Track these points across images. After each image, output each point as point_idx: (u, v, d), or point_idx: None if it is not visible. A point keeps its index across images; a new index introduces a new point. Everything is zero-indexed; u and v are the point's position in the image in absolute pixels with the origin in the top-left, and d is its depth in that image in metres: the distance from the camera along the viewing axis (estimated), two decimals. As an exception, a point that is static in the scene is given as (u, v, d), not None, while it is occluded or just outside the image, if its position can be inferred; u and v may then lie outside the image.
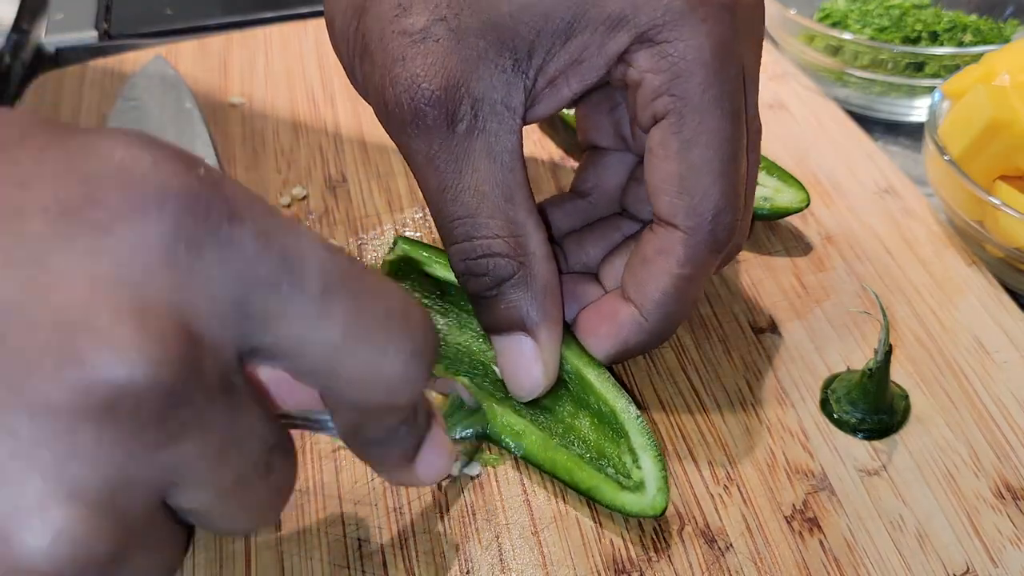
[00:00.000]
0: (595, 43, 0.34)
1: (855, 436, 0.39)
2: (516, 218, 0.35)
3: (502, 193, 0.35)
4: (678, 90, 0.34)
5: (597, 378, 0.37)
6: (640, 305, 0.36)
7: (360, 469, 0.38)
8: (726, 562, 0.35)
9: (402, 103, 0.34)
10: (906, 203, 0.51)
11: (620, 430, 0.36)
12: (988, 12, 0.64)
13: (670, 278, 0.36)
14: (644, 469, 0.35)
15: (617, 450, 0.36)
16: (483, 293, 0.36)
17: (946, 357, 0.42)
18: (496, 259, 0.35)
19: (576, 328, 0.39)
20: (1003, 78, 0.47)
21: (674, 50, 0.33)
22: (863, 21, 0.62)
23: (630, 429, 0.36)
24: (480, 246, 0.35)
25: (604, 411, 0.37)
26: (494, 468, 0.38)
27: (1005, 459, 0.38)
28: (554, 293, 0.36)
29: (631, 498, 0.35)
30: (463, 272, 0.36)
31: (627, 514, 0.35)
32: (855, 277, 0.46)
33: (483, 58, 0.34)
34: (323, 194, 0.52)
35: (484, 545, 0.36)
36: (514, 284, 0.35)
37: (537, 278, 0.35)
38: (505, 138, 0.35)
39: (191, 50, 0.63)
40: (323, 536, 0.36)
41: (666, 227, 0.35)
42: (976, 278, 0.46)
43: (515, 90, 0.34)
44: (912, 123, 0.61)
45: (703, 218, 0.34)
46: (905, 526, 0.36)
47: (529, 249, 0.35)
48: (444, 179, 0.34)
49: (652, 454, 0.35)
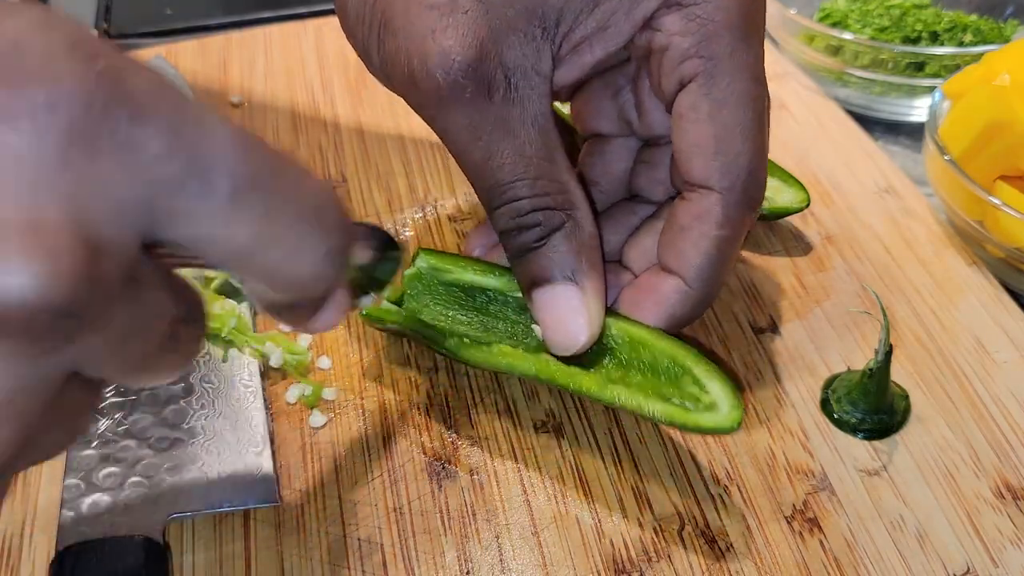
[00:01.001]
0: (623, 8, 0.35)
1: (855, 436, 0.39)
2: (559, 176, 0.36)
3: (545, 155, 0.35)
4: (707, 51, 0.34)
5: (647, 332, 0.37)
6: (683, 274, 0.36)
7: (360, 469, 0.38)
8: (726, 562, 0.35)
9: (436, 78, 0.34)
10: (906, 203, 0.51)
11: (681, 370, 0.36)
12: (988, 12, 0.64)
13: (711, 241, 0.36)
14: (713, 391, 0.35)
15: (679, 388, 0.36)
16: (530, 245, 0.36)
17: (946, 357, 0.42)
18: (545, 212, 0.35)
19: (619, 309, 0.38)
20: (1003, 78, 0.47)
21: (703, 11, 0.34)
22: (863, 21, 0.62)
23: (691, 363, 0.36)
24: (530, 203, 0.35)
25: (659, 359, 0.37)
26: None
27: (1005, 459, 0.38)
28: (597, 246, 0.37)
29: (705, 416, 0.34)
30: (511, 229, 0.36)
31: (704, 431, 0.34)
32: (855, 277, 0.46)
33: (512, 27, 0.34)
34: (323, 194, 0.52)
35: (484, 545, 0.36)
36: (563, 235, 0.36)
37: (583, 229, 0.36)
38: (539, 103, 0.35)
39: (191, 50, 0.63)
40: (323, 536, 0.36)
41: (700, 191, 0.36)
42: (976, 278, 0.46)
43: (544, 56, 0.35)
44: (912, 123, 0.61)
45: (738, 177, 0.35)
46: (905, 526, 0.36)
47: (574, 203, 0.36)
48: (488, 148, 0.35)
49: (718, 378, 0.35)
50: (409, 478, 0.38)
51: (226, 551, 0.35)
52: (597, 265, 0.37)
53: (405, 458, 0.38)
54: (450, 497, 0.37)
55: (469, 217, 0.50)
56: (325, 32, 0.64)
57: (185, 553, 0.35)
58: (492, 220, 0.37)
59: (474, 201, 0.51)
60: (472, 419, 0.40)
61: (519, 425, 0.40)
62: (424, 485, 0.37)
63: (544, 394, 0.41)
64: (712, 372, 0.35)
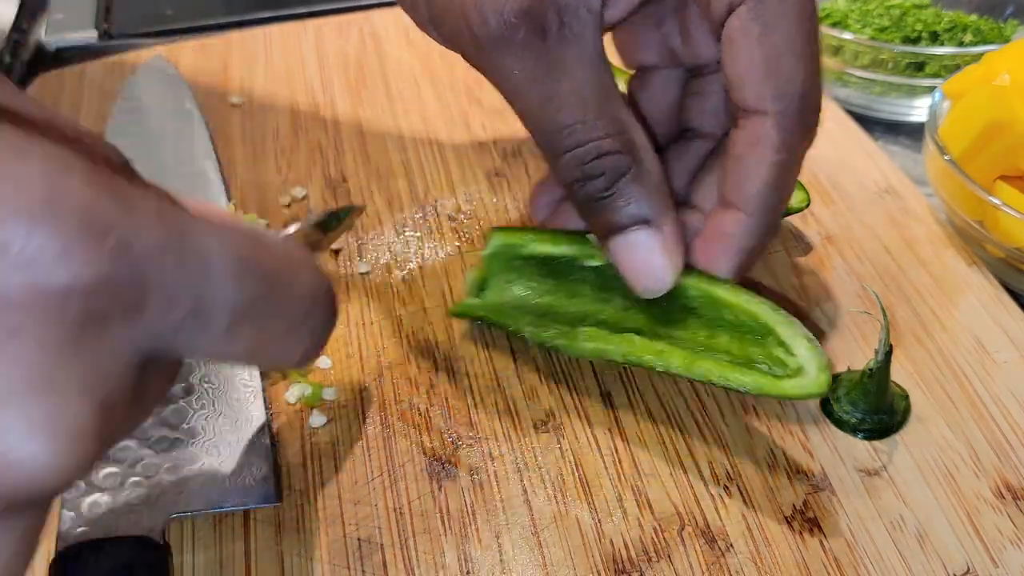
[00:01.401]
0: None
1: (855, 436, 0.39)
2: (619, 116, 0.35)
3: (602, 94, 0.35)
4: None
5: (728, 291, 0.37)
6: (743, 206, 0.36)
7: (360, 469, 0.38)
8: (726, 562, 0.35)
9: (489, 23, 0.34)
10: (906, 203, 0.51)
11: (764, 330, 0.36)
12: (988, 12, 0.64)
13: (768, 167, 0.35)
14: (800, 355, 0.35)
15: (766, 349, 0.36)
16: (599, 195, 0.36)
17: (946, 357, 0.42)
18: (610, 157, 0.35)
19: (693, 261, 0.38)
20: (1003, 78, 0.47)
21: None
22: (863, 21, 0.62)
23: (776, 324, 0.36)
24: (593, 148, 0.35)
25: (743, 320, 0.37)
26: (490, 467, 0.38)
27: (1005, 459, 0.38)
28: (664, 185, 0.37)
29: (793, 383, 0.35)
30: (577, 179, 0.36)
31: (793, 398, 0.35)
32: (855, 277, 0.46)
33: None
34: (323, 194, 0.52)
35: (484, 545, 0.36)
36: (630, 179, 0.35)
37: (650, 170, 0.36)
38: (592, 42, 0.35)
39: (191, 50, 0.63)
40: (323, 536, 0.36)
41: (753, 117, 0.35)
42: (976, 278, 0.46)
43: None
44: (912, 123, 0.61)
45: (792, 98, 0.35)
46: (905, 526, 0.36)
47: (637, 144, 0.36)
48: (546, 91, 0.35)
49: (804, 341, 0.35)
50: (409, 478, 0.38)
51: (226, 551, 0.35)
52: (667, 203, 0.36)
53: (405, 458, 0.38)
54: (450, 497, 0.37)
55: (469, 217, 0.50)
56: (325, 32, 0.64)
57: (185, 553, 0.35)
58: (555, 171, 0.36)
59: (474, 201, 0.51)
60: (472, 419, 0.40)
61: (519, 425, 0.40)
62: (424, 485, 0.37)
63: (544, 394, 0.41)
64: (796, 333, 0.35)
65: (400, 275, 0.47)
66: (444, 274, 0.47)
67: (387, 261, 0.48)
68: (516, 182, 0.52)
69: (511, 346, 0.43)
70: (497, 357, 0.42)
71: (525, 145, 0.54)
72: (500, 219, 0.50)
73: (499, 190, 0.52)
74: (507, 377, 0.42)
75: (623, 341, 0.38)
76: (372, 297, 0.46)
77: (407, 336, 0.44)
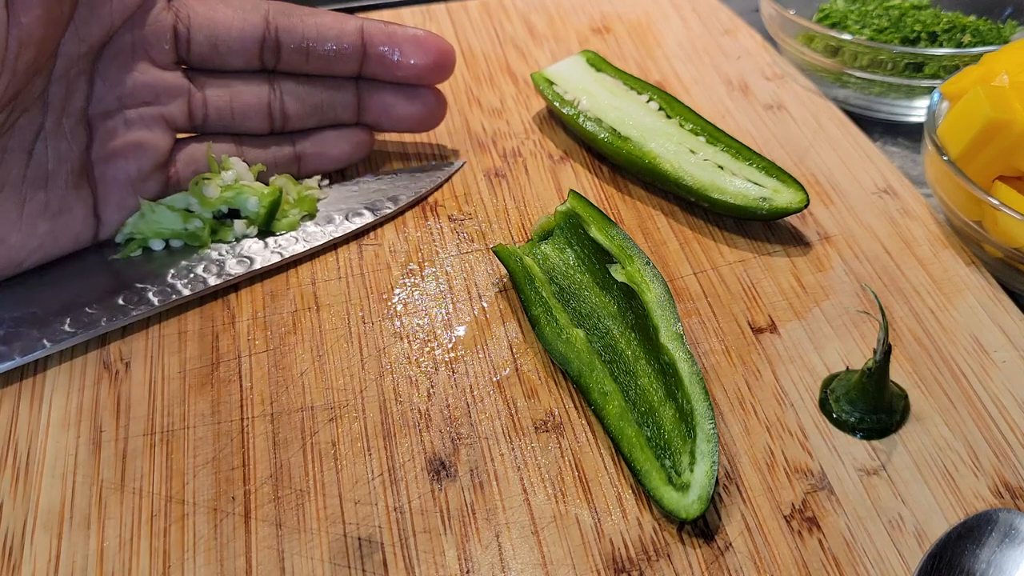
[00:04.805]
0: None
1: (854, 436, 0.39)
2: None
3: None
4: None
5: (689, 377, 0.38)
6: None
7: (360, 469, 0.38)
8: (725, 561, 0.35)
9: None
10: (905, 203, 0.51)
11: (692, 431, 0.37)
12: (987, 13, 0.64)
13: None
14: (695, 475, 0.36)
15: (683, 448, 0.37)
16: None
17: (945, 357, 0.42)
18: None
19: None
20: (1002, 78, 0.48)
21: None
22: (862, 22, 0.63)
23: (700, 434, 0.37)
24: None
25: (686, 409, 0.38)
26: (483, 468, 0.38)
27: (1004, 458, 0.38)
28: None
29: (671, 495, 0.36)
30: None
31: (661, 507, 0.36)
32: (854, 277, 0.46)
33: None
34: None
35: (484, 545, 0.36)
36: None
37: None
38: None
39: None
40: (323, 536, 0.36)
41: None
42: (975, 278, 0.46)
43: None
44: (911, 123, 0.62)
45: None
46: (904, 525, 0.36)
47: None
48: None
49: (708, 464, 0.36)
50: (409, 478, 0.38)
51: (226, 551, 0.35)
52: None
53: (405, 458, 0.38)
54: (450, 497, 0.37)
55: (469, 217, 0.50)
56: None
57: (186, 552, 0.35)
58: None
59: (474, 201, 0.51)
60: (472, 419, 0.40)
61: (519, 425, 0.40)
62: (424, 485, 0.38)
63: (544, 394, 0.41)
64: (707, 452, 0.36)
65: (400, 275, 0.47)
66: (444, 274, 0.47)
67: (387, 261, 0.48)
68: (516, 182, 0.52)
69: (511, 346, 0.43)
70: (497, 357, 0.43)
71: (525, 145, 0.55)
72: (500, 219, 0.50)
73: (499, 190, 0.52)
74: (507, 377, 0.42)
75: (587, 362, 0.40)
76: (372, 297, 0.46)
77: (407, 336, 0.44)
